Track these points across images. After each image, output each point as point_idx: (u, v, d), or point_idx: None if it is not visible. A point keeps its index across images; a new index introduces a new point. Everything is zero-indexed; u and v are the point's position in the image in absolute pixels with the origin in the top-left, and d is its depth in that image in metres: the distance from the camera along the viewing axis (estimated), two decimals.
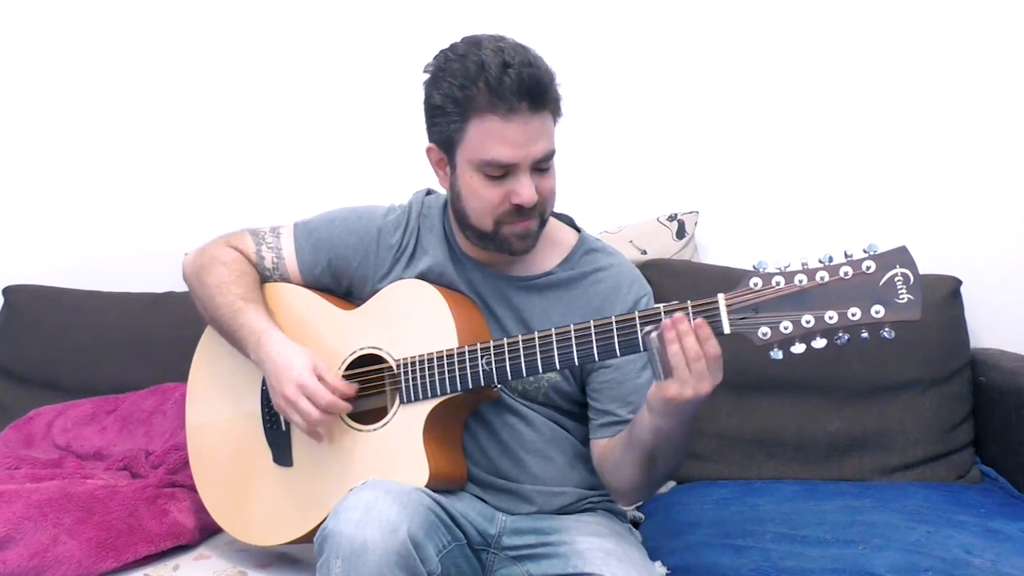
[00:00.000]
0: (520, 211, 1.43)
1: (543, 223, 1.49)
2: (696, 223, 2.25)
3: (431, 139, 1.49)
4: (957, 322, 2.06)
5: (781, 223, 2.28)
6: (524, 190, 1.41)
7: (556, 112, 1.44)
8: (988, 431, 2.02)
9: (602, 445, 1.50)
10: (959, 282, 2.07)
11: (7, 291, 2.42)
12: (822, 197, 2.27)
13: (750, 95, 2.30)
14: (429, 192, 1.66)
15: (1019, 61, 2.19)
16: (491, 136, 1.38)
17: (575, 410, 1.55)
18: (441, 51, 1.45)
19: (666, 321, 1.26)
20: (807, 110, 2.28)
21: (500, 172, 1.41)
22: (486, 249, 1.50)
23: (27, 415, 2.12)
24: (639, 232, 2.23)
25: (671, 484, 2.06)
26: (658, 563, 1.57)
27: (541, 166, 1.43)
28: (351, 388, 1.47)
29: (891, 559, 1.51)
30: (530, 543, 1.47)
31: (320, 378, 1.45)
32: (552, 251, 1.57)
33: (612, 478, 1.49)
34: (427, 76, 1.45)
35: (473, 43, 1.41)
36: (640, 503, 1.94)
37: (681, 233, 2.23)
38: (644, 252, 2.19)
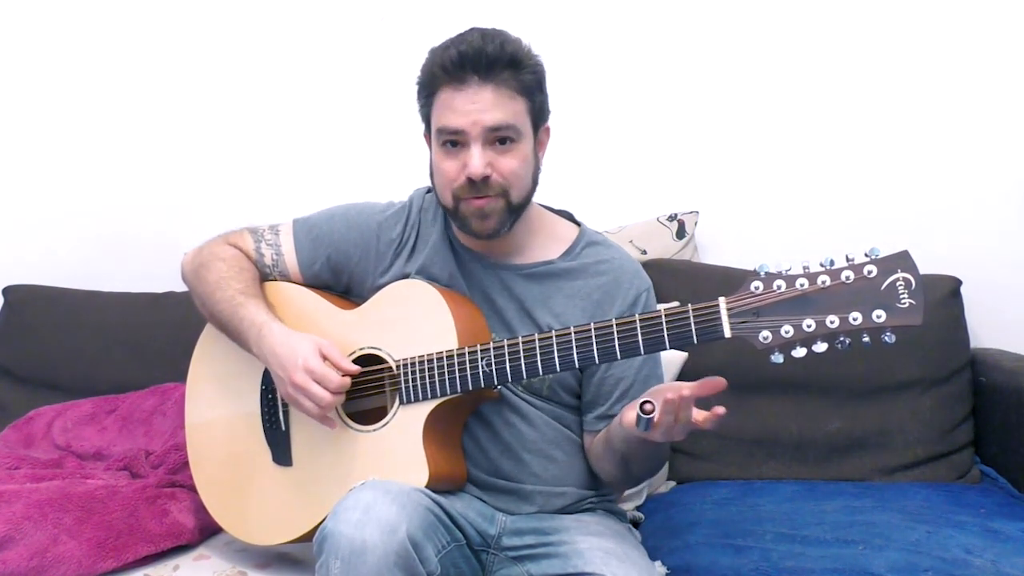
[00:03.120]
0: (471, 185, 1.44)
1: (511, 207, 1.47)
2: (696, 223, 2.25)
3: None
4: (957, 322, 2.06)
5: (781, 223, 2.28)
6: (471, 160, 1.43)
7: (525, 90, 1.45)
8: (988, 431, 2.02)
9: (591, 438, 1.54)
10: (959, 282, 2.07)
11: (7, 291, 2.42)
12: (822, 197, 2.27)
13: (750, 95, 2.30)
14: (429, 190, 1.66)
15: (1019, 61, 2.19)
16: (444, 107, 1.44)
17: (579, 405, 1.56)
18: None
19: (671, 397, 1.26)
20: (807, 110, 2.28)
21: (452, 139, 1.44)
22: (462, 230, 1.52)
23: (27, 415, 2.12)
24: (639, 232, 2.23)
25: (671, 484, 2.06)
26: (658, 563, 1.58)
27: (499, 137, 1.44)
28: (355, 369, 1.47)
29: (891, 559, 1.51)
30: (530, 543, 1.47)
31: (326, 358, 1.46)
32: (553, 243, 1.57)
33: (595, 468, 1.55)
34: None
35: (463, 32, 1.47)
36: (639, 499, 1.95)
37: (681, 233, 2.23)
38: (644, 252, 2.19)
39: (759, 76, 2.29)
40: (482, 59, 1.41)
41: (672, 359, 1.99)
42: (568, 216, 1.64)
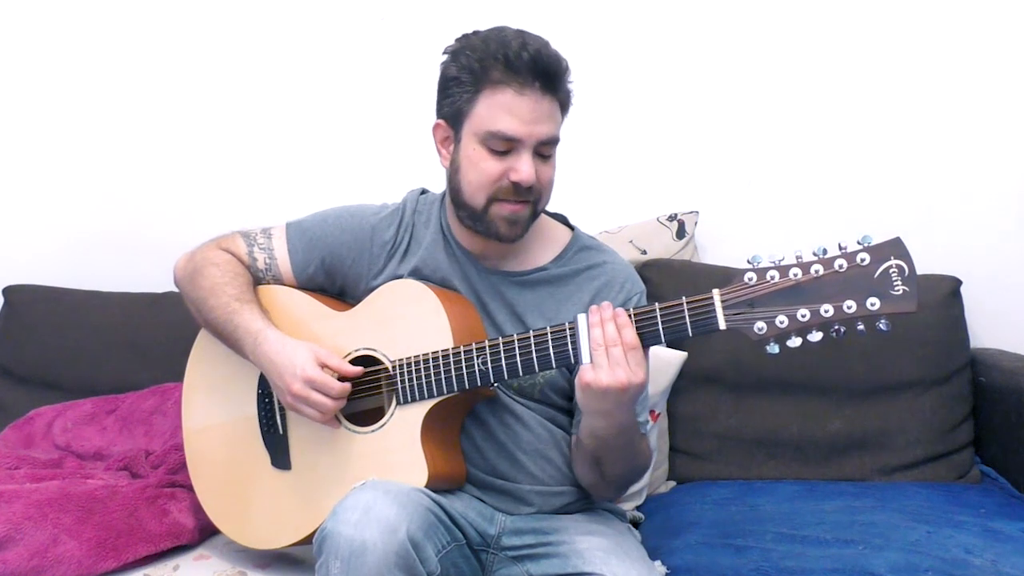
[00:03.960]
0: (516, 190, 1.44)
1: (535, 214, 1.50)
2: (696, 223, 2.25)
3: (440, 115, 1.51)
4: (957, 322, 2.06)
5: (781, 223, 2.28)
6: (524, 167, 1.43)
7: (565, 105, 1.48)
8: (988, 431, 2.02)
9: (573, 440, 1.52)
10: (959, 282, 2.07)
11: (7, 291, 2.42)
12: (822, 197, 2.27)
13: (749, 95, 2.30)
14: (424, 192, 1.66)
15: (1019, 61, 2.19)
16: (501, 108, 1.42)
17: (571, 407, 1.55)
18: (464, 33, 1.49)
19: (593, 307, 1.32)
20: (807, 110, 2.28)
21: (504, 147, 1.43)
22: (476, 232, 1.51)
23: (27, 415, 2.12)
24: (639, 232, 2.23)
25: (671, 484, 2.06)
26: (658, 562, 1.58)
27: (543, 152, 1.46)
28: (357, 371, 1.48)
29: (891, 559, 1.51)
30: (530, 543, 1.47)
31: (324, 366, 1.46)
32: (546, 248, 1.58)
33: (576, 473, 1.53)
34: (446, 56, 1.49)
35: (497, 28, 1.46)
36: (639, 499, 1.95)
37: (681, 233, 2.23)
38: (644, 252, 2.19)
39: (759, 76, 2.29)
40: (551, 69, 1.42)
41: (671, 359, 1.99)
42: (562, 219, 1.64)
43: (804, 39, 2.27)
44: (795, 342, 1.24)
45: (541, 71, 1.41)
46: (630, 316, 1.31)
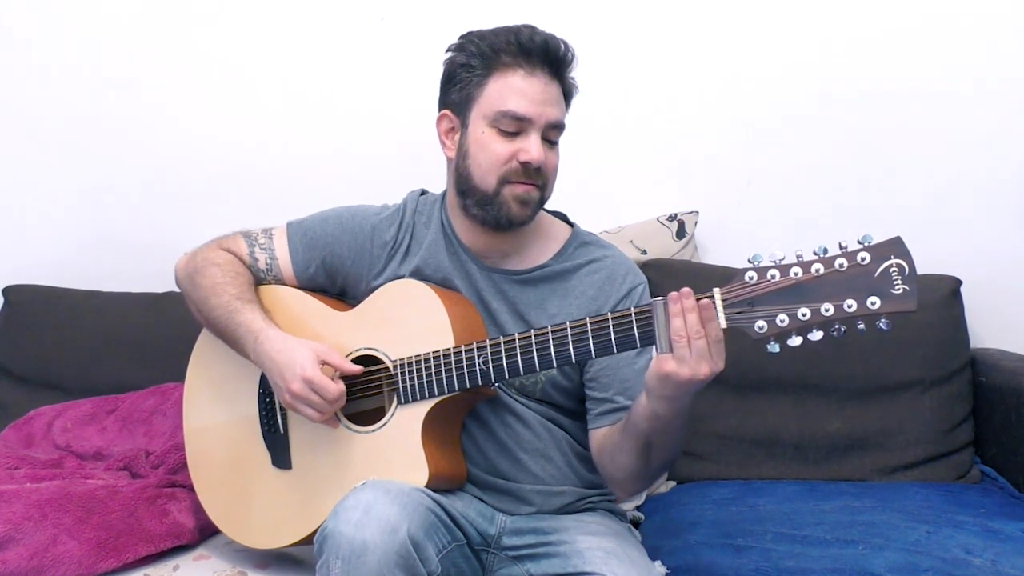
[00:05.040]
0: (525, 171, 1.46)
1: (542, 200, 1.52)
2: (696, 223, 2.25)
3: (444, 106, 1.53)
4: (957, 322, 2.06)
5: (781, 223, 2.28)
6: (533, 148, 1.45)
7: (570, 95, 1.52)
8: (988, 431, 2.02)
9: (601, 434, 1.49)
10: (959, 282, 2.07)
11: (7, 291, 2.42)
12: (822, 197, 2.27)
13: (750, 96, 2.29)
14: (424, 192, 1.66)
15: (1019, 61, 2.19)
16: (512, 89, 1.45)
17: (572, 407, 1.56)
18: (468, 31, 1.52)
19: (673, 294, 1.25)
20: (807, 110, 2.27)
21: (514, 127, 1.45)
22: (484, 220, 1.51)
23: (27, 415, 2.12)
24: (639, 232, 2.23)
25: (671, 484, 2.06)
26: (658, 563, 1.58)
27: (550, 137, 1.48)
28: (357, 370, 1.49)
29: (891, 559, 1.51)
30: (530, 543, 1.47)
31: (326, 363, 1.46)
32: (546, 245, 1.58)
33: (610, 467, 1.47)
34: (451, 51, 1.52)
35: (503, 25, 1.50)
36: (639, 499, 1.95)
37: (681, 233, 2.23)
38: (644, 252, 2.19)
39: (759, 76, 2.29)
40: (560, 56, 1.47)
41: None
42: (562, 217, 1.65)
43: (804, 39, 2.27)
44: (796, 341, 1.23)
45: (551, 57, 1.46)
46: (714, 303, 1.25)
